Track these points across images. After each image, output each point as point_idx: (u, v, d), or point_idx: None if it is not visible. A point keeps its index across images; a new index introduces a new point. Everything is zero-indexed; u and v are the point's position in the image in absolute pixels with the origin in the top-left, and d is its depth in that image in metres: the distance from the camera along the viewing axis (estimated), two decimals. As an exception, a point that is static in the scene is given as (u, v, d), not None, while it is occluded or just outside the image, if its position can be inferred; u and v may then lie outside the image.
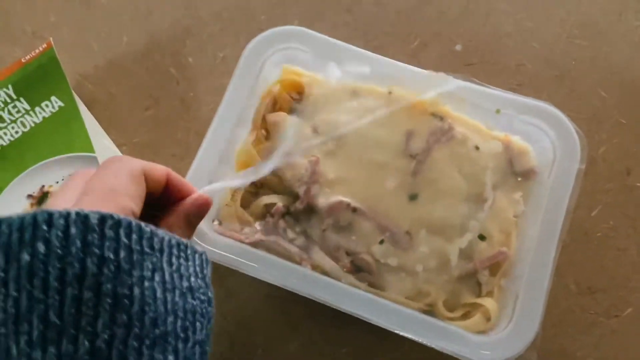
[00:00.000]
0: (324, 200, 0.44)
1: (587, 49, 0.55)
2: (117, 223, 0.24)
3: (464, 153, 0.45)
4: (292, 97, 0.48)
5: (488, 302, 0.43)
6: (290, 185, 0.45)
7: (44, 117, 0.53)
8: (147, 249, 0.25)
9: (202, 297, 0.28)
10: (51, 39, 0.54)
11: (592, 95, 0.54)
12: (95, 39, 0.57)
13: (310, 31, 0.47)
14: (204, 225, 0.43)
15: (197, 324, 0.27)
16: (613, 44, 0.55)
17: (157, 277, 0.25)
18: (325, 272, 0.43)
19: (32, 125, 0.53)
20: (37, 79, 0.53)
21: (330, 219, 0.44)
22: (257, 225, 0.45)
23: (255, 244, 0.43)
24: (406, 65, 0.46)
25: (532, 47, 0.55)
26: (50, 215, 0.23)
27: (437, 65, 0.56)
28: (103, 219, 0.23)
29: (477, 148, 0.45)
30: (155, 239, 0.25)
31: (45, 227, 0.23)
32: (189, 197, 0.32)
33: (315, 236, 0.45)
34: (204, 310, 0.28)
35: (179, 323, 0.25)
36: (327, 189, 0.45)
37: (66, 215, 0.23)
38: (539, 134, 0.45)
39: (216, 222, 0.45)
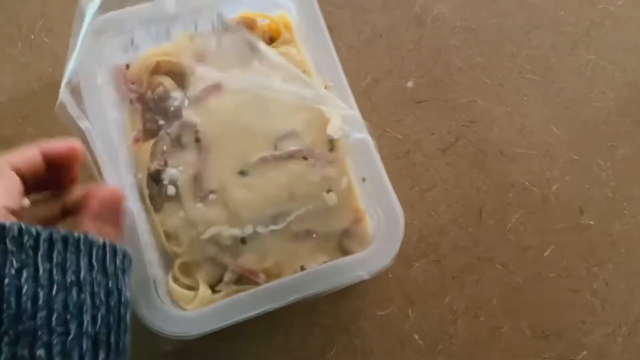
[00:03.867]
0: (187, 112, 0.44)
1: (539, 84, 0.55)
2: None
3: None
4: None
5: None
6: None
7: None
8: (11, 247, 0.26)
9: (96, 290, 0.28)
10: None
11: (543, 132, 0.53)
12: (37, 80, 0.56)
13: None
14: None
15: (86, 316, 0.27)
16: (565, 78, 0.55)
17: (25, 274, 0.26)
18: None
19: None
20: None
21: (176, 127, 0.43)
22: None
23: None
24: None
25: (484, 83, 0.55)
26: None
27: (388, 102, 0.55)
28: None
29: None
30: (26, 237, 0.26)
31: None
32: (94, 197, 0.33)
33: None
34: (98, 302, 0.28)
35: (55, 316, 0.26)
36: (200, 111, 0.44)
37: None
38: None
39: None
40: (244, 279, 0.42)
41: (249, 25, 0.46)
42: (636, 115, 0.54)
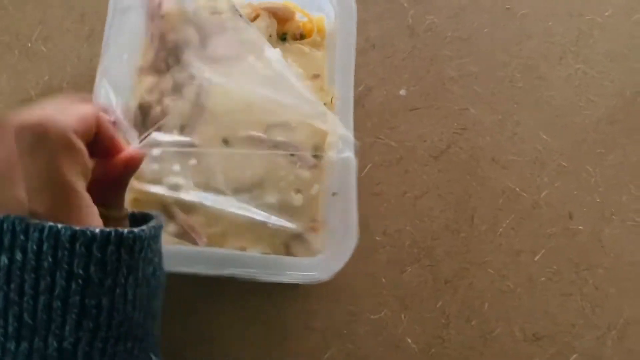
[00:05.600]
0: (199, 65, 0.45)
1: (529, 93, 0.56)
2: (91, 238, 0.25)
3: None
4: None
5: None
6: None
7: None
8: (125, 256, 0.26)
9: (158, 272, 0.29)
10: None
11: (534, 139, 0.54)
12: (34, 87, 0.56)
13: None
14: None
15: (154, 302, 0.29)
16: (555, 87, 0.56)
17: (131, 279, 0.26)
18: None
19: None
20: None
21: (184, 74, 0.45)
22: None
23: None
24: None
25: (475, 91, 0.56)
26: (27, 226, 0.24)
27: (381, 109, 0.56)
28: (74, 235, 0.25)
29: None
30: (137, 243, 0.26)
31: (22, 237, 0.24)
32: (121, 156, 0.30)
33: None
34: (160, 282, 0.30)
35: (142, 314, 0.27)
36: (212, 70, 0.45)
37: (41, 229, 0.24)
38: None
39: None
40: (186, 237, 0.42)
41: (286, 14, 0.48)
42: (624, 123, 0.55)
